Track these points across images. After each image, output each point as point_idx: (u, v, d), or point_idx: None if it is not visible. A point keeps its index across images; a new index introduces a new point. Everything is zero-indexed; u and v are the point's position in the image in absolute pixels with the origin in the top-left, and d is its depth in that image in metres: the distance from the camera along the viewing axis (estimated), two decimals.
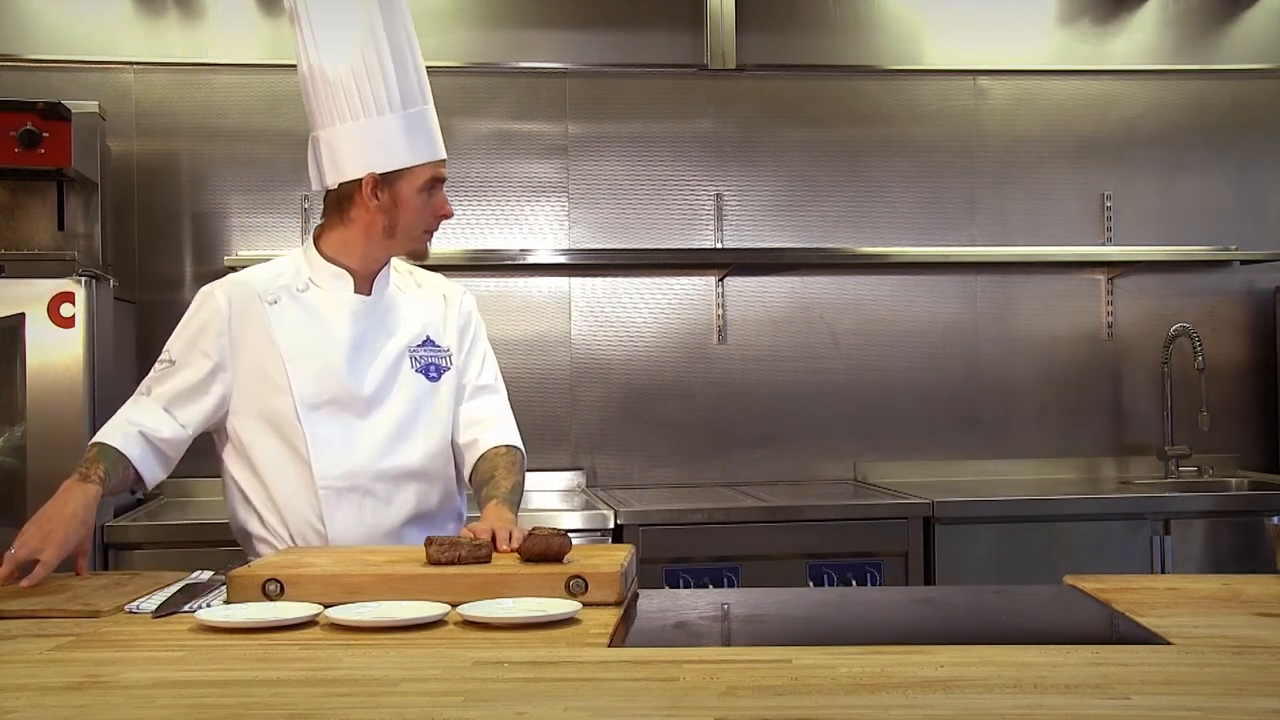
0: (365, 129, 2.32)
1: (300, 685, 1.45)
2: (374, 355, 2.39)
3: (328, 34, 2.32)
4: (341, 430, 2.34)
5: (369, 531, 2.34)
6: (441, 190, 2.40)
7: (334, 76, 2.32)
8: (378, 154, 2.32)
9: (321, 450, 2.33)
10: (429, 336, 2.46)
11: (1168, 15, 4.37)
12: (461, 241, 4.14)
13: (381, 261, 2.43)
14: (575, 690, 1.42)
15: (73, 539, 2.11)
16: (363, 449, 2.35)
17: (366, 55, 2.31)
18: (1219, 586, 2.01)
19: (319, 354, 2.35)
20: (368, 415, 2.37)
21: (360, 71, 2.31)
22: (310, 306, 2.38)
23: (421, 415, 2.41)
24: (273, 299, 2.37)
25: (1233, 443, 4.36)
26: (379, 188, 2.32)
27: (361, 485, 2.34)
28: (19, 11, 3.99)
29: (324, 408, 2.34)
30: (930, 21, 4.31)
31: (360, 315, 2.39)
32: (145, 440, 2.31)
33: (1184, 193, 4.36)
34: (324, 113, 2.34)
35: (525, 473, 2.50)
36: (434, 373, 2.44)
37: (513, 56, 4.18)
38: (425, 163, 2.34)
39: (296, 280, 2.40)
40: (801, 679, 1.45)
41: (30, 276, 3.30)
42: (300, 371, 2.33)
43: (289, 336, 2.35)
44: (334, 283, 2.40)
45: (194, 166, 4.06)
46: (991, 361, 4.30)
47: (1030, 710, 1.32)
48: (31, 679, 1.50)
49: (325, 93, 2.33)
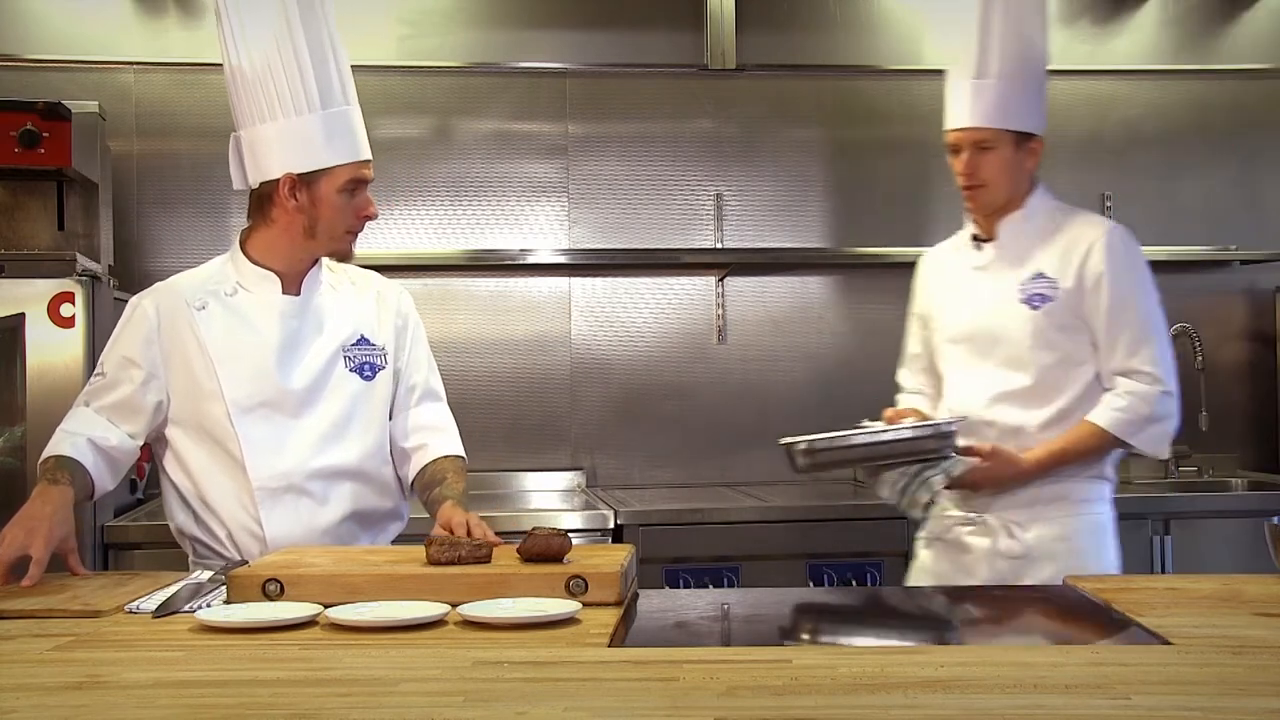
0: (284, 129, 2.31)
1: (300, 685, 1.46)
2: (305, 355, 2.37)
3: (246, 32, 2.32)
4: (274, 431, 2.33)
5: (306, 531, 2.33)
6: (364, 191, 2.36)
7: (253, 75, 2.31)
8: (296, 154, 2.31)
9: (255, 452, 2.32)
10: (363, 335, 2.44)
11: (1168, 15, 4.37)
12: (461, 241, 4.14)
13: (307, 262, 2.41)
14: (575, 690, 1.42)
15: (57, 533, 2.11)
16: (296, 449, 2.34)
17: (284, 54, 2.29)
18: (1219, 586, 2.01)
19: (248, 357, 2.34)
20: (301, 415, 2.35)
21: (278, 70, 2.30)
22: (238, 310, 2.37)
23: (357, 414, 2.40)
24: (200, 304, 2.37)
25: (1233, 443, 4.36)
26: (297, 188, 2.32)
27: (296, 485, 2.33)
28: (19, 11, 3.99)
29: (256, 410, 2.33)
30: (930, 21, 4.31)
31: (289, 316, 2.38)
32: (95, 448, 2.32)
33: (1184, 193, 4.36)
34: (244, 112, 2.34)
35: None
36: (369, 371, 2.43)
37: (513, 56, 4.18)
38: (345, 163, 2.31)
39: (224, 284, 2.39)
40: (801, 679, 1.45)
41: (30, 276, 3.30)
42: (230, 375, 2.32)
43: (217, 341, 2.34)
44: (261, 285, 2.39)
45: (194, 166, 4.05)
46: None
47: (1030, 710, 1.32)
48: (31, 679, 1.50)
49: (245, 91, 2.33)
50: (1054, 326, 2.56)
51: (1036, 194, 2.68)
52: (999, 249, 2.65)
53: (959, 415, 2.54)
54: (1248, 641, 1.63)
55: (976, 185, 2.60)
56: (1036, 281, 2.58)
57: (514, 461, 4.09)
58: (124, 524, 3.38)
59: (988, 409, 2.58)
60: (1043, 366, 2.56)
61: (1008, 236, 2.64)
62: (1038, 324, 2.56)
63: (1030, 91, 2.64)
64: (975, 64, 2.60)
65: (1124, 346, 2.57)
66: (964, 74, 2.62)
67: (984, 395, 2.59)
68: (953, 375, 2.67)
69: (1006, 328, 2.59)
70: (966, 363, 2.64)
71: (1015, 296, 2.58)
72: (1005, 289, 2.60)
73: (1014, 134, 2.60)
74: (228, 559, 2.30)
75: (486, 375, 4.12)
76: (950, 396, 2.66)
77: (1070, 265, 2.57)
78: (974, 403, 2.59)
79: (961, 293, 2.69)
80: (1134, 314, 2.59)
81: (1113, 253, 2.57)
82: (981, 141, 2.59)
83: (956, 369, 2.66)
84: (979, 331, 2.62)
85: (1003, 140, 2.59)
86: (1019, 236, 2.64)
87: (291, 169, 2.30)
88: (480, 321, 4.16)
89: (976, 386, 2.60)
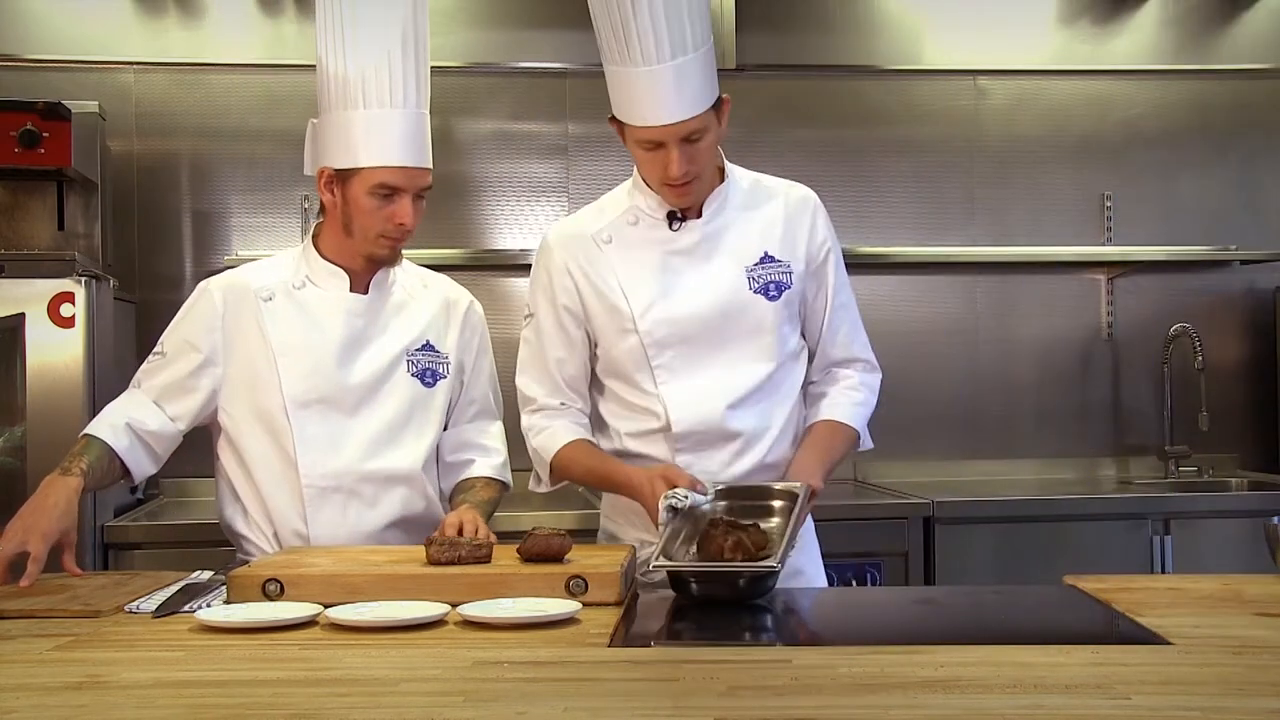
0: (331, 122, 2.31)
1: (300, 685, 1.46)
2: (367, 355, 2.37)
3: (335, 23, 2.30)
4: (329, 429, 2.33)
5: (351, 533, 2.32)
6: (404, 198, 2.29)
7: (322, 63, 2.32)
8: (333, 149, 2.30)
9: (308, 449, 2.32)
10: (429, 341, 2.43)
11: (1168, 15, 4.36)
12: (461, 241, 4.14)
13: (370, 260, 2.38)
14: (575, 690, 1.42)
15: (55, 530, 2.10)
16: (349, 449, 2.33)
17: (345, 47, 2.28)
18: (1219, 586, 2.01)
19: (310, 351, 2.34)
20: (357, 414, 2.35)
21: (338, 63, 2.29)
22: (304, 304, 2.37)
23: (413, 419, 2.39)
24: (268, 296, 2.37)
25: (1233, 443, 4.36)
26: (333, 183, 2.31)
27: (347, 486, 2.33)
28: (19, 11, 3.99)
29: (313, 406, 2.33)
30: (930, 21, 4.30)
31: (355, 314, 2.37)
32: (133, 433, 2.32)
33: (1184, 193, 4.35)
34: (319, 101, 2.35)
35: (499, 503, 2.48)
36: (430, 378, 2.41)
37: (513, 56, 4.18)
38: (376, 166, 2.27)
39: (294, 278, 2.40)
40: (801, 679, 1.45)
41: (30, 276, 3.29)
42: (290, 368, 2.32)
43: (281, 333, 2.34)
44: (330, 281, 2.39)
45: (194, 166, 4.05)
46: (991, 361, 4.30)
47: (1030, 710, 1.32)
48: (31, 679, 1.50)
49: (318, 79, 2.33)
50: (789, 318, 2.31)
51: (725, 160, 2.36)
52: (705, 228, 2.30)
53: (794, 486, 2.17)
54: (1248, 641, 1.63)
55: (691, 179, 2.21)
56: (767, 266, 2.29)
57: (514, 461, 4.06)
58: (124, 524, 3.38)
59: (727, 418, 2.25)
60: (778, 366, 2.29)
61: (714, 212, 2.31)
62: (777, 316, 2.28)
63: (712, 50, 2.22)
64: (670, 41, 2.13)
65: (845, 332, 2.36)
66: (652, 58, 2.14)
67: (719, 403, 2.25)
68: (666, 385, 2.27)
69: (738, 323, 2.27)
70: (682, 369, 2.27)
71: (744, 285, 2.27)
72: (727, 276, 2.28)
73: (715, 107, 2.22)
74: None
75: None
76: (675, 409, 2.26)
77: (797, 243, 2.31)
78: (706, 412, 2.25)
79: (664, 282, 2.28)
80: (849, 294, 2.38)
81: (829, 224, 2.36)
82: (693, 132, 2.17)
83: (670, 377, 2.27)
84: (700, 330, 2.26)
85: (711, 120, 2.20)
86: (726, 211, 2.32)
87: (327, 163, 2.31)
88: None
89: (708, 394, 2.25)
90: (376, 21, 2.27)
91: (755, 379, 2.28)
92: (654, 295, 2.28)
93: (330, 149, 2.30)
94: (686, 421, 2.26)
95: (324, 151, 2.32)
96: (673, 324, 2.27)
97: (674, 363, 2.28)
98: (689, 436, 2.27)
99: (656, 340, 2.27)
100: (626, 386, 2.33)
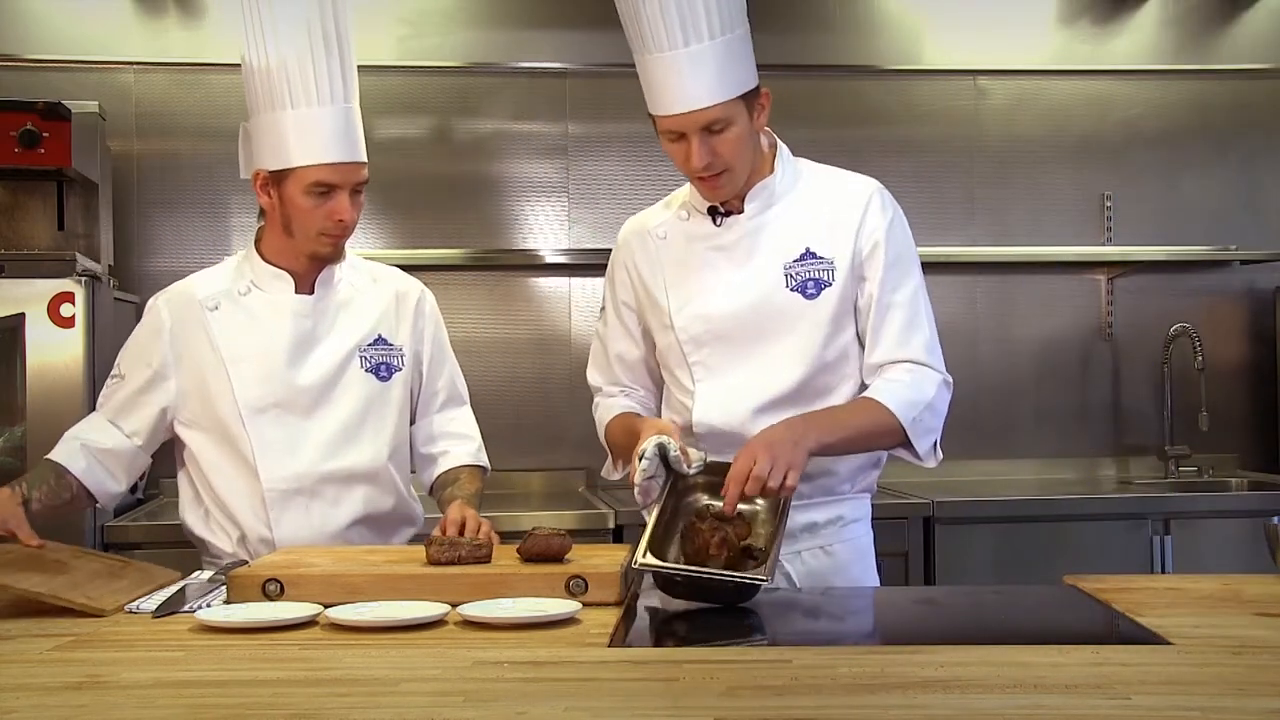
0: (262, 124, 2.30)
1: (300, 685, 1.46)
2: (318, 355, 2.35)
3: (251, 22, 2.29)
4: (286, 432, 2.32)
5: (315, 534, 2.32)
6: (341, 194, 2.26)
7: (249, 65, 2.30)
8: (266, 150, 2.29)
9: (266, 453, 2.31)
10: (380, 335, 2.41)
11: (1168, 15, 4.36)
12: (461, 241, 4.14)
13: (313, 260, 2.35)
14: (575, 690, 1.42)
15: None
16: (308, 451, 2.33)
17: (269, 47, 2.26)
18: (1219, 586, 2.01)
19: (260, 357, 2.33)
20: (313, 416, 2.34)
21: (264, 63, 2.27)
22: (250, 310, 2.36)
23: (370, 416, 2.38)
24: (213, 304, 2.36)
25: (1233, 443, 4.36)
26: (269, 185, 2.30)
27: (308, 488, 2.32)
28: (19, 11, 3.99)
29: (268, 411, 2.32)
30: (930, 21, 4.30)
31: (302, 315, 2.36)
32: (89, 453, 2.33)
33: (1184, 193, 4.35)
34: (248, 102, 2.33)
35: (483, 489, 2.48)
36: (385, 372, 2.40)
37: (513, 56, 4.18)
38: (310, 164, 2.24)
39: (238, 284, 2.38)
40: (801, 679, 1.45)
41: (30, 276, 3.30)
42: (241, 375, 2.32)
43: (230, 341, 2.33)
44: (274, 284, 2.37)
45: (194, 166, 4.05)
46: (991, 361, 4.30)
47: (1030, 710, 1.32)
48: (31, 679, 1.50)
49: (245, 81, 2.32)
50: (830, 318, 2.19)
51: (781, 153, 2.29)
52: (748, 223, 2.23)
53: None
54: (1248, 641, 1.63)
55: (718, 172, 2.15)
56: (806, 263, 2.20)
57: (514, 461, 4.08)
58: (124, 524, 3.38)
59: (752, 421, 2.17)
60: (814, 368, 2.20)
61: (757, 208, 2.24)
62: (816, 315, 2.19)
63: (746, 38, 2.18)
64: (680, 27, 2.09)
65: (893, 333, 2.20)
66: (664, 44, 2.10)
67: (745, 406, 2.20)
68: (703, 383, 2.23)
69: (773, 322, 2.20)
70: (719, 367, 2.22)
71: (781, 283, 2.20)
72: (765, 273, 2.21)
73: (745, 98, 2.15)
74: (235, 561, 2.30)
75: (486, 375, 4.12)
76: (700, 409, 2.23)
77: (844, 239, 2.20)
78: (733, 416, 2.20)
79: (702, 279, 2.24)
80: (906, 293, 2.22)
81: (885, 216, 2.22)
82: (713, 122, 2.11)
83: (706, 375, 2.23)
84: (735, 329, 2.21)
85: (737, 111, 2.13)
86: (771, 206, 2.24)
87: (261, 165, 2.30)
88: (480, 322, 4.16)
89: (736, 396, 2.21)
90: (295, 19, 2.25)
91: (788, 383, 2.20)
92: (691, 292, 2.25)
93: (263, 151, 2.29)
94: (709, 422, 2.23)
95: (257, 154, 2.30)
96: (707, 321, 2.23)
97: (710, 360, 2.24)
98: (710, 438, 2.22)
99: (691, 337, 2.24)
100: (673, 381, 2.32)
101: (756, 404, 2.20)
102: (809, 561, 2.26)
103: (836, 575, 2.26)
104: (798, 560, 2.25)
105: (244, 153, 2.36)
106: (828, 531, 2.27)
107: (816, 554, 2.26)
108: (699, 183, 2.20)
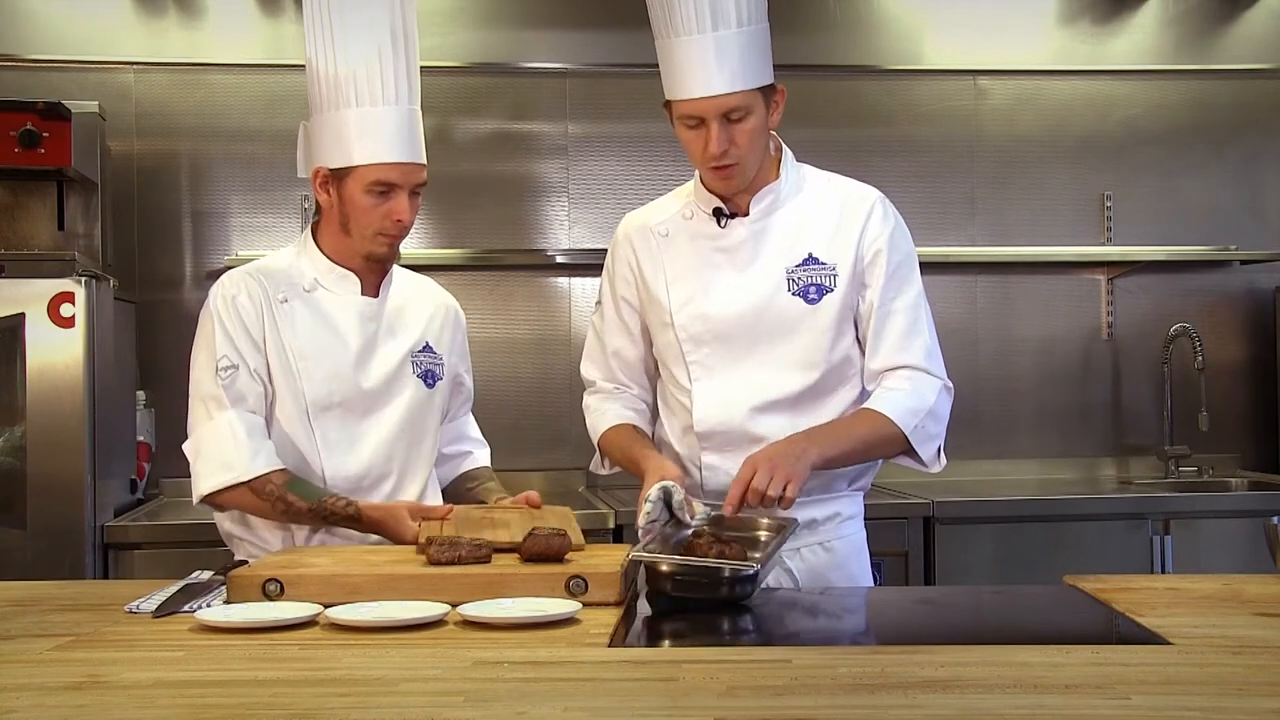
0: (324, 123, 2.31)
1: (300, 685, 1.45)
2: (380, 358, 2.39)
3: (325, 26, 2.29)
4: (347, 433, 2.35)
5: (364, 535, 2.33)
6: (400, 195, 2.28)
7: (312, 65, 2.31)
8: (327, 149, 2.30)
9: (331, 452, 2.34)
10: (428, 343, 2.46)
11: (1168, 15, 4.37)
12: (461, 241, 4.14)
13: (373, 261, 2.37)
14: (575, 690, 1.42)
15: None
16: (366, 451, 2.36)
17: (334, 47, 2.27)
18: (1219, 586, 2.01)
19: (328, 356, 2.34)
20: (369, 417, 2.37)
21: (328, 63, 2.28)
22: (319, 308, 2.37)
23: (419, 420, 2.42)
24: (282, 298, 2.36)
25: (1233, 443, 4.36)
26: (329, 183, 2.31)
27: (366, 487, 2.36)
28: (19, 11, 3.99)
29: (333, 409, 2.34)
30: (930, 21, 4.31)
31: (369, 318, 2.39)
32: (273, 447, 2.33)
33: (1184, 193, 4.36)
34: (310, 102, 2.34)
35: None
36: (431, 380, 2.45)
37: (513, 56, 4.18)
38: (371, 163, 2.26)
39: (303, 279, 2.39)
40: (801, 679, 1.45)
41: (30, 276, 3.30)
42: (310, 373, 2.33)
43: (299, 337, 2.34)
44: (341, 284, 2.39)
45: (194, 166, 4.06)
46: (991, 361, 4.30)
47: (1030, 710, 1.32)
48: (31, 679, 1.50)
49: (309, 80, 2.33)
50: (831, 323, 2.22)
51: (786, 158, 2.31)
52: (752, 226, 2.25)
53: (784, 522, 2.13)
54: (1248, 641, 1.63)
55: (732, 163, 2.16)
56: (809, 268, 2.22)
57: (514, 461, 4.08)
58: (124, 524, 3.38)
59: (751, 420, 2.22)
60: (814, 372, 2.23)
61: (762, 211, 2.26)
62: (814, 321, 2.21)
63: (768, 33, 2.20)
64: (710, 11, 2.12)
65: (892, 340, 2.23)
66: (692, 28, 2.12)
67: (744, 405, 2.22)
68: (700, 382, 2.26)
69: (774, 325, 2.22)
70: (717, 367, 2.25)
71: (783, 287, 2.22)
72: (767, 276, 2.23)
73: (764, 92, 2.18)
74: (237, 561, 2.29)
75: (487, 375, 4.11)
76: (699, 408, 2.25)
77: (846, 245, 2.23)
78: (733, 415, 2.23)
79: (704, 279, 2.26)
80: (908, 300, 2.25)
81: (888, 225, 2.25)
82: (733, 110, 2.12)
83: (704, 374, 2.25)
84: (736, 330, 2.23)
85: (756, 102, 2.15)
86: (775, 210, 2.26)
87: (321, 163, 2.31)
88: (480, 322, 4.15)
89: (734, 396, 2.23)
90: (364, 19, 2.27)
91: (791, 386, 2.22)
92: (692, 291, 2.27)
93: (324, 149, 2.30)
94: (709, 421, 2.25)
95: (318, 151, 2.32)
96: (707, 321, 2.25)
97: (709, 360, 2.26)
98: (712, 436, 2.26)
99: (691, 336, 2.26)
100: (670, 379, 2.33)
101: (755, 404, 2.23)
102: (808, 558, 2.29)
103: (835, 571, 2.29)
104: (797, 557, 2.28)
105: (303, 151, 2.38)
106: (826, 528, 2.30)
107: (816, 550, 2.29)
108: (711, 172, 2.20)
